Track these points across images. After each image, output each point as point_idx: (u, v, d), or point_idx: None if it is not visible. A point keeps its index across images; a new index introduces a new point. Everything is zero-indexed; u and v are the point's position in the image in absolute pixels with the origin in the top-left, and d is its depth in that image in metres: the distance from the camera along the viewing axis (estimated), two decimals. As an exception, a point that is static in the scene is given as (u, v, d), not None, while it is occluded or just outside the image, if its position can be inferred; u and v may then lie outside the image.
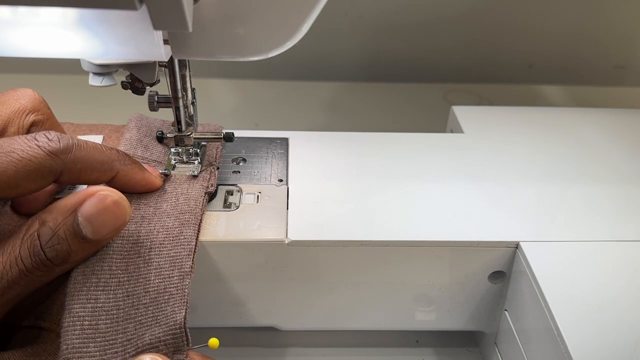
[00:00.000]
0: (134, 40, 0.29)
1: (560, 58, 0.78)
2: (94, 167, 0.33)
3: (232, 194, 0.41)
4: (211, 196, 0.40)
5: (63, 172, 0.31)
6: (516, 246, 0.38)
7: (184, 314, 0.32)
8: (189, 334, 0.31)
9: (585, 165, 0.46)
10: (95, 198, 0.31)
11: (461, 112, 0.52)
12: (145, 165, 0.38)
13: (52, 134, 0.31)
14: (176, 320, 0.32)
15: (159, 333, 0.31)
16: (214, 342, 0.32)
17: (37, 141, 0.30)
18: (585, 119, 0.52)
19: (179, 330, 0.31)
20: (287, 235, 0.38)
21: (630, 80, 0.80)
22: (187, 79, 0.39)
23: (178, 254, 0.34)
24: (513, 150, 0.47)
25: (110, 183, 0.35)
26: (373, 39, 0.76)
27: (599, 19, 0.75)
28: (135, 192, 0.37)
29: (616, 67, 0.79)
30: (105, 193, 0.31)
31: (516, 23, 0.75)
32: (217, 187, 0.41)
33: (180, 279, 0.33)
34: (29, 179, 0.30)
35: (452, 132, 0.53)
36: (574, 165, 0.46)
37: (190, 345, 0.31)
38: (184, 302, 0.32)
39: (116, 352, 0.30)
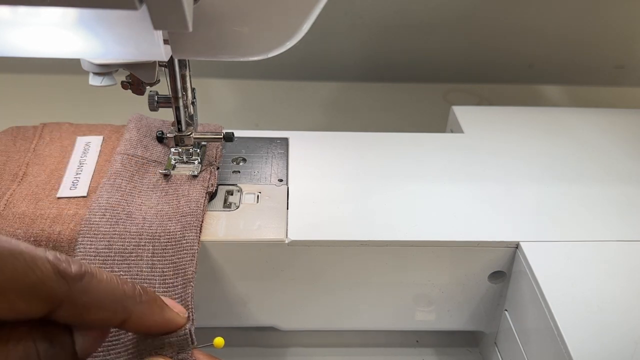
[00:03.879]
0: (134, 40, 0.29)
1: (560, 58, 0.78)
2: (103, 304, 0.26)
3: (232, 194, 0.41)
4: (211, 196, 0.40)
5: (64, 303, 0.24)
6: (516, 246, 0.38)
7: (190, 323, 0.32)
8: (193, 334, 0.31)
9: (585, 165, 0.46)
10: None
11: (461, 112, 0.52)
12: (166, 300, 0.30)
13: (62, 255, 0.25)
14: None
15: (164, 336, 0.31)
16: (219, 341, 0.32)
17: (48, 255, 0.24)
18: (585, 119, 0.52)
19: (182, 332, 0.31)
20: (287, 235, 0.38)
21: (630, 80, 0.80)
22: (187, 79, 0.39)
23: (181, 260, 0.34)
24: (513, 150, 0.47)
25: (121, 327, 0.28)
26: (373, 39, 0.76)
27: (599, 19, 0.75)
28: (153, 335, 0.30)
29: (616, 67, 0.79)
30: None
31: (516, 23, 0.75)
32: (217, 187, 0.41)
33: (184, 287, 0.33)
34: (22, 292, 0.23)
35: (452, 132, 0.53)
36: (573, 165, 0.46)
37: (195, 344, 0.31)
38: (188, 310, 0.32)
39: (119, 352, 0.30)
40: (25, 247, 0.24)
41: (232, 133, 0.42)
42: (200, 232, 0.37)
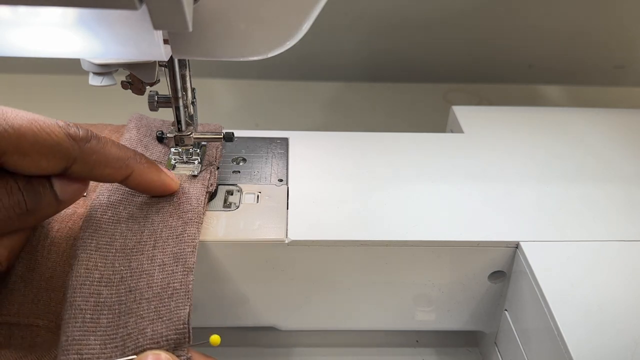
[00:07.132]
0: (134, 40, 0.29)
1: (560, 58, 0.78)
2: (108, 162, 0.32)
3: (232, 194, 0.41)
4: (211, 196, 0.40)
5: (77, 160, 0.31)
6: (516, 246, 0.38)
7: (187, 310, 0.32)
8: (191, 331, 0.31)
9: (585, 165, 0.46)
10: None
11: (461, 112, 0.52)
12: (162, 167, 0.37)
13: (71, 123, 0.31)
14: (180, 317, 0.31)
15: (162, 329, 0.31)
16: (215, 338, 0.32)
17: (58, 122, 0.30)
18: (585, 119, 0.52)
19: (182, 327, 0.31)
20: (287, 235, 0.38)
21: (630, 80, 0.80)
22: (187, 79, 0.39)
23: (182, 251, 0.34)
24: (513, 150, 0.47)
25: (124, 183, 0.35)
26: (373, 38, 0.76)
27: (599, 19, 0.75)
28: (150, 194, 0.37)
29: (616, 67, 0.79)
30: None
31: (516, 23, 0.75)
32: (217, 187, 0.41)
33: (185, 275, 0.33)
34: (43, 153, 0.29)
35: (452, 132, 0.53)
36: (573, 165, 0.46)
37: (191, 342, 0.31)
38: (187, 297, 0.32)
39: (116, 346, 0.30)
40: (39, 116, 0.30)
41: (232, 133, 0.42)
42: (201, 229, 0.37)
